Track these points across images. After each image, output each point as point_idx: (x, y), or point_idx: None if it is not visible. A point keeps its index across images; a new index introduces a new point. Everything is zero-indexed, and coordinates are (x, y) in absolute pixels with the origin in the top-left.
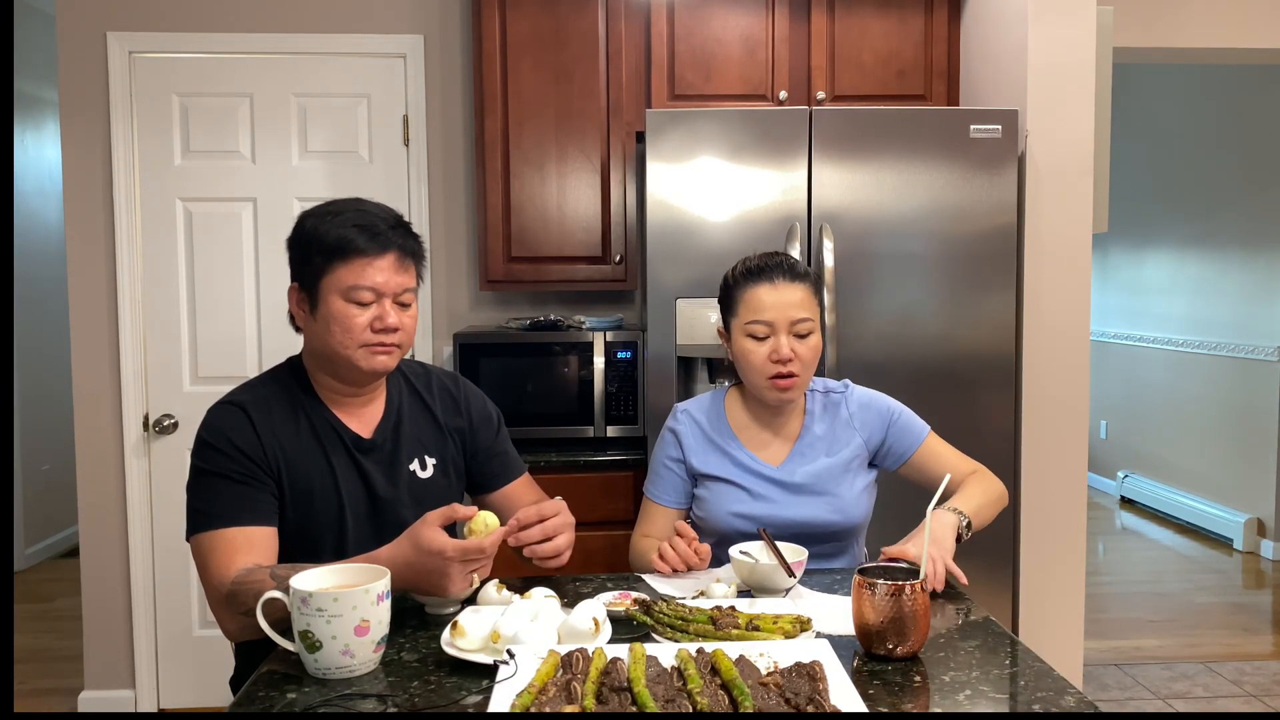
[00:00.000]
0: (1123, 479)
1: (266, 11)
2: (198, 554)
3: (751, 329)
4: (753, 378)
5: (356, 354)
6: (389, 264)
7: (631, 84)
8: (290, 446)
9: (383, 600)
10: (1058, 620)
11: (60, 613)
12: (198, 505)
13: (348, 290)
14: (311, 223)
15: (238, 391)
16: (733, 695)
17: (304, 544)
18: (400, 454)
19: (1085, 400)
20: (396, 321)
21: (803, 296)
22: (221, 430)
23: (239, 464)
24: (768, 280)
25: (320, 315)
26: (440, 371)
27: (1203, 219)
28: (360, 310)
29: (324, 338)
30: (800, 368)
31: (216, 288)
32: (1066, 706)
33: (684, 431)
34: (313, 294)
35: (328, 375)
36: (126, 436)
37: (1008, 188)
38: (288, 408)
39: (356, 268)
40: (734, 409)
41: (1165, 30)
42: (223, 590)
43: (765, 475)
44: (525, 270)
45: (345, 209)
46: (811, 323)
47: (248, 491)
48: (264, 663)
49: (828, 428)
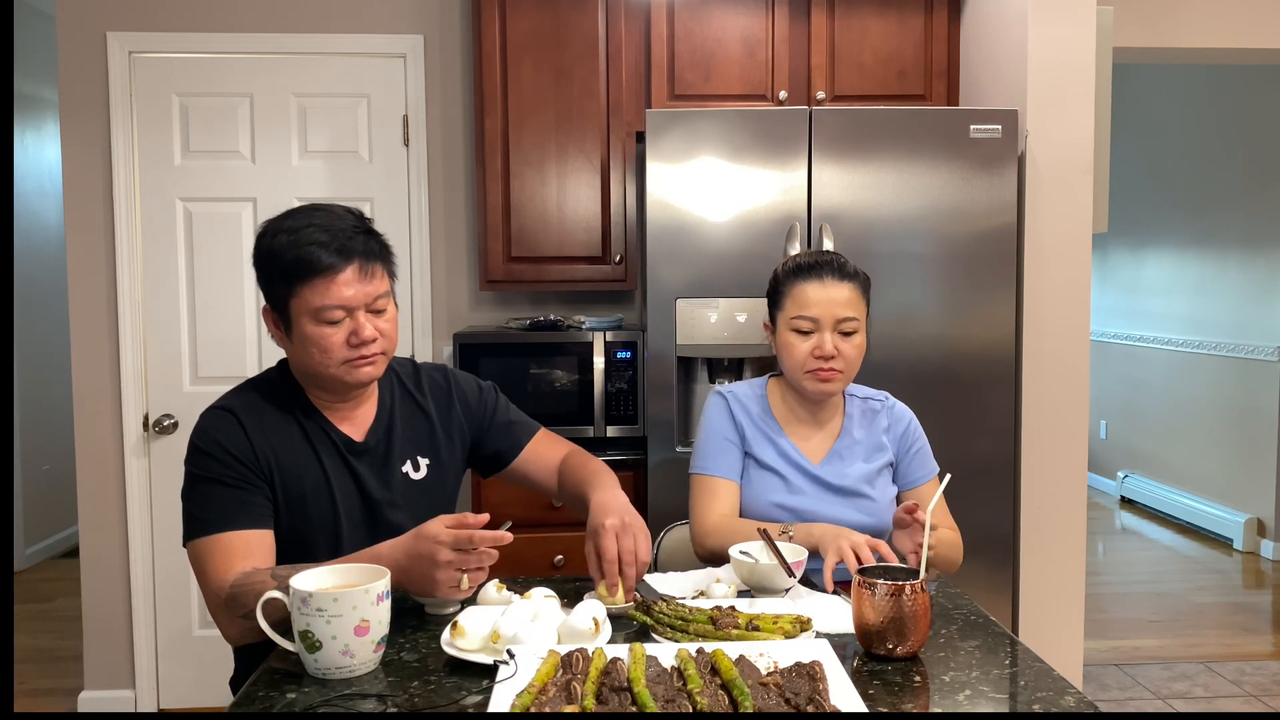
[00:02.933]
0: (1123, 479)
1: (266, 11)
2: (195, 560)
3: (797, 324)
4: (793, 370)
5: (339, 370)
6: (352, 276)
7: (631, 84)
8: (283, 450)
9: (382, 600)
10: (1058, 620)
11: (60, 613)
12: (194, 511)
13: (316, 312)
14: (267, 242)
15: (228, 396)
16: (733, 695)
17: (298, 547)
18: (393, 456)
19: (1085, 400)
20: (372, 333)
21: (850, 296)
22: (213, 436)
23: (232, 469)
24: (816, 277)
25: (296, 337)
26: (429, 367)
27: (1203, 219)
28: (333, 329)
29: (304, 359)
30: (843, 364)
31: (216, 288)
32: (1066, 706)
33: (737, 410)
34: (284, 316)
35: (315, 387)
36: (126, 436)
37: (1008, 188)
38: (279, 412)
39: (320, 288)
40: (775, 400)
41: (1165, 30)
42: (222, 594)
43: (807, 470)
44: (525, 270)
45: (300, 225)
46: (857, 322)
47: (243, 495)
48: (264, 662)
49: (866, 433)
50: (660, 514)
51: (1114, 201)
